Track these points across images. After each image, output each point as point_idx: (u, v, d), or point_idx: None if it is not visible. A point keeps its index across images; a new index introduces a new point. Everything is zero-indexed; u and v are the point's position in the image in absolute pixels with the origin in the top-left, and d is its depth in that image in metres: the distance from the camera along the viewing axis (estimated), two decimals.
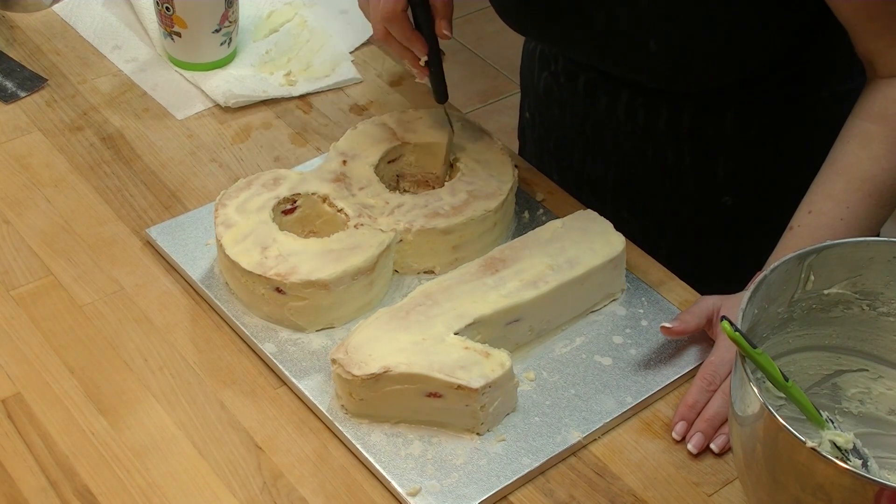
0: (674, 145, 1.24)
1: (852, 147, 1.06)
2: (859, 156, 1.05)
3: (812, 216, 1.06)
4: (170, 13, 1.35)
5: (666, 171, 1.26)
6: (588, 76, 1.26)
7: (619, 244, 1.10)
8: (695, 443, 1.00)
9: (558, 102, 1.32)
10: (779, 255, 1.06)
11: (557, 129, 1.34)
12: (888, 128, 1.05)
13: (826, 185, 1.07)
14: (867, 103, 1.07)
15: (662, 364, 1.06)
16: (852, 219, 1.05)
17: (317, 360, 1.05)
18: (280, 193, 1.14)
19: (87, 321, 1.10)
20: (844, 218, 1.05)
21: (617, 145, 1.27)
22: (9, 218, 1.20)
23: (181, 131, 1.32)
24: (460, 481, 0.96)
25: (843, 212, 1.05)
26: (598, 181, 1.31)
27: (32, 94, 1.36)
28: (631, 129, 1.25)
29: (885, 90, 1.06)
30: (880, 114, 1.06)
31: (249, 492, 0.96)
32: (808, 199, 1.07)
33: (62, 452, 0.99)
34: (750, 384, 0.82)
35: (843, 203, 1.05)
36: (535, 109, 1.38)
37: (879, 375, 0.97)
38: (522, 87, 1.43)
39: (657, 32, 1.10)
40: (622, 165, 1.29)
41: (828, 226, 1.05)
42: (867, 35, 1.06)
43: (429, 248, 1.12)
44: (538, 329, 1.07)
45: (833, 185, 1.06)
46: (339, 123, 1.34)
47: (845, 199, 1.05)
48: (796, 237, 1.06)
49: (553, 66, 1.31)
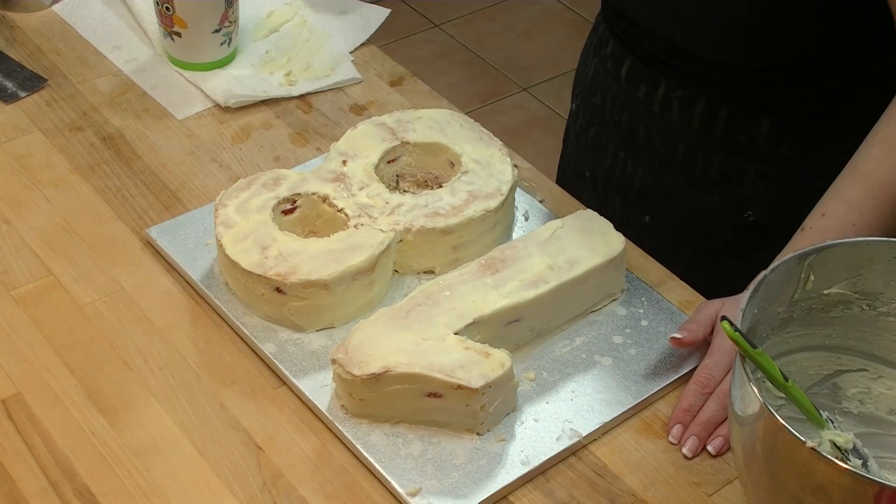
0: (705, 147, 1.23)
1: (876, 152, 1.04)
2: (882, 162, 1.04)
3: (825, 219, 1.05)
4: (170, 13, 1.35)
5: (693, 176, 1.25)
6: (633, 61, 1.26)
7: (619, 244, 1.10)
8: (689, 446, 1.00)
9: (602, 89, 1.32)
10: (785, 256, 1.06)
11: (597, 121, 1.34)
12: None
13: (843, 188, 1.05)
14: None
15: (662, 364, 1.06)
16: (864, 225, 1.04)
17: (317, 360, 1.05)
18: (280, 193, 1.14)
19: (87, 321, 1.10)
20: (857, 224, 1.04)
21: (649, 140, 1.27)
22: (9, 218, 1.20)
23: (181, 131, 1.32)
24: (460, 481, 0.96)
25: (855, 217, 1.04)
26: (626, 180, 1.30)
27: (32, 94, 1.37)
28: (665, 124, 1.24)
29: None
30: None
31: (249, 492, 0.96)
32: (824, 201, 1.06)
33: (62, 452, 0.99)
34: (750, 384, 0.82)
35: (857, 209, 1.04)
36: (582, 99, 1.38)
37: (879, 375, 0.97)
38: (577, 79, 1.43)
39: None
40: (651, 164, 1.28)
41: (839, 230, 1.04)
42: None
43: (429, 248, 1.12)
44: (538, 329, 1.07)
45: (850, 189, 1.05)
46: (339, 123, 1.34)
47: (860, 205, 1.04)
48: (806, 238, 1.05)
49: (604, 50, 1.31)
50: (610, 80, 1.30)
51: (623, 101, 1.29)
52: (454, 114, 1.25)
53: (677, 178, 1.27)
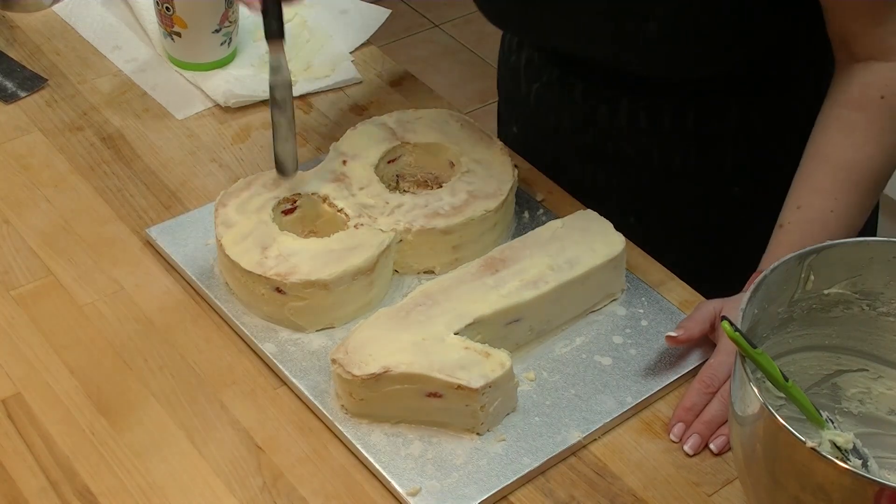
0: (679, 145, 1.23)
1: (833, 136, 1.05)
2: (842, 145, 1.04)
3: (801, 211, 1.05)
4: (170, 13, 1.35)
5: (672, 171, 1.25)
6: (585, 84, 1.24)
7: (619, 244, 1.10)
8: (691, 444, 1.00)
9: (555, 112, 1.29)
10: (772, 254, 1.06)
11: (554, 140, 1.31)
12: (869, 115, 1.04)
13: (811, 177, 1.06)
14: (844, 89, 1.06)
15: (662, 364, 1.06)
16: (842, 210, 1.04)
17: (317, 360, 1.05)
18: (280, 193, 1.14)
19: (87, 321, 1.10)
20: (835, 210, 1.04)
21: (620, 151, 1.26)
22: (9, 218, 1.20)
23: (181, 131, 1.32)
24: (460, 481, 0.96)
25: (831, 204, 1.04)
26: (600, 189, 1.28)
27: (32, 94, 1.37)
28: (634, 133, 1.23)
29: (862, 75, 1.05)
30: (860, 101, 1.04)
31: (249, 492, 0.96)
32: (795, 193, 1.07)
33: (62, 452, 0.99)
34: (750, 384, 0.82)
35: (830, 196, 1.04)
36: (527, 122, 1.35)
37: (879, 375, 0.97)
38: (505, 103, 1.40)
39: (658, 14, 1.08)
40: (627, 171, 1.27)
41: (819, 220, 1.04)
42: (845, 15, 1.04)
43: (429, 248, 1.12)
44: (538, 329, 1.07)
45: (818, 177, 1.05)
46: (339, 123, 1.34)
47: (833, 192, 1.04)
48: (788, 234, 1.06)
49: (545, 77, 1.28)
50: (564, 102, 1.27)
51: (583, 120, 1.26)
52: (454, 114, 1.25)
53: (656, 177, 1.26)
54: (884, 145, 1.04)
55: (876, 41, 1.03)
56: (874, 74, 1.04)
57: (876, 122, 1.04)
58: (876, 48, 1.04)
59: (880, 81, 1.03)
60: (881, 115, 1.04)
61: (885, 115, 1.04)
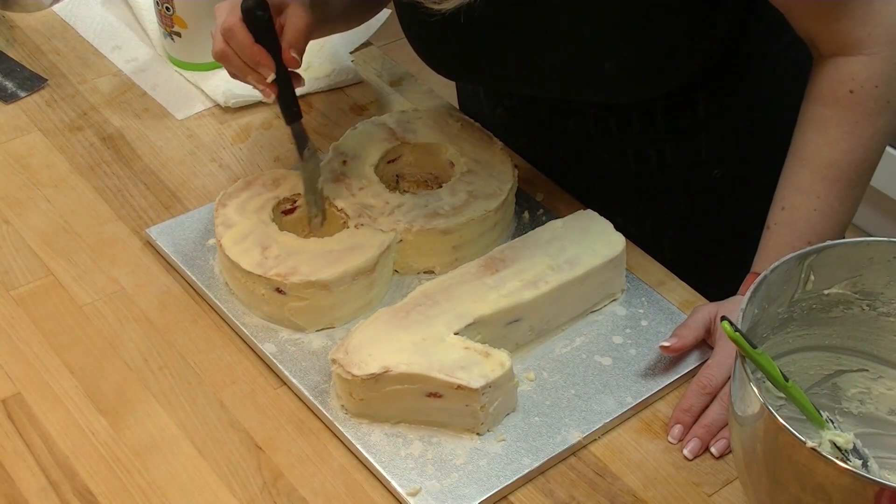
0: (653, 143, 1.23)
1: (810, 135, 1.05)
2: (818, 143, 1.05)
3: (786, 212, 1.06)
4: (170, 13, 1.35)
5: (651, 168, 1.25)
6: (548, 103, 1.24)
7: (619, 244, 1.10)
8: (691, 448, 1.00)
9: (523, 132, 1.28)
10: (762, 255, 1.07)
11: (527, 154, 1.29)
12: (840, 109, 1.04)
13: (793, 177, 1.06)
14: (816, 86, 1.06)
15: (662, 364, 1.06)
16: (826, 207, 1.05)
17: (317, 360, 1.05)
18: (280, 194, 1.14)
19: (87, 321, 1.10)
20: (818, 208, 1.05)
21: (595, 158, 1.25)
22: (9, 218, 1.20)
23: (181, 131, 1.32)
24: (460, 481, 0.96)
25: (814, 202, 1.05)
26: (581, 195, 1.26)
27: (32, 94, 1.37)
28: (606, 140, 1.23)
29: (830, 71, 1.05)
30: (830, 96, 1.05)
31: (249, 492, 0.96)
32: (779, 194, 1.07)
33: (62, 452, 0.99)
34: (750, 384, 0.82)
35: (812, 194, 1.05)
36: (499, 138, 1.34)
37: (879, 375, 0.97)
38: None
39: (613, 54, 1.09)
40: (605, 176, 1.27)
41: (804, 219, 1.05)
42: (804, 16, 1.05)
43: (429, 248, 1.12)
44: (538, 329, 1.07)
45: (799, 176, 1.06)
46: (339, 123, 1.34)
47: (814, 190, 1.05)
48: (775, 236, 1.06)
49: (506, 102, 1.28)
50: (530, 123, 1.27)
51: (553, 134, 1.26)
52: (454, 114, 1.25)
53: (635, 177, 1.26)
54: (859, 139, 1.04)
55: (838, 37, 1.04)
56: (841, 69, 1.04)
57: (848, 116, 1.04)
58: (840, 43, 1.04)
59: (847, 76, 1.04)
60: (853, 110, 1.04)
61: (857, 108, 1.04)
